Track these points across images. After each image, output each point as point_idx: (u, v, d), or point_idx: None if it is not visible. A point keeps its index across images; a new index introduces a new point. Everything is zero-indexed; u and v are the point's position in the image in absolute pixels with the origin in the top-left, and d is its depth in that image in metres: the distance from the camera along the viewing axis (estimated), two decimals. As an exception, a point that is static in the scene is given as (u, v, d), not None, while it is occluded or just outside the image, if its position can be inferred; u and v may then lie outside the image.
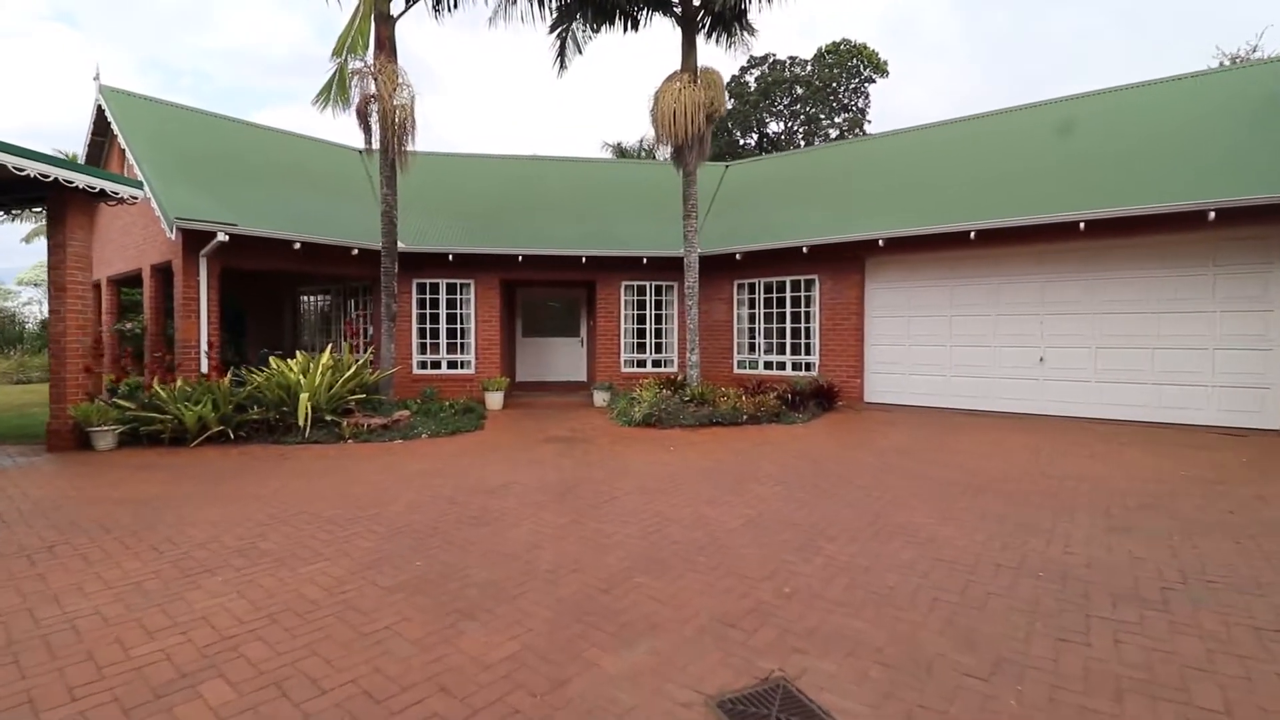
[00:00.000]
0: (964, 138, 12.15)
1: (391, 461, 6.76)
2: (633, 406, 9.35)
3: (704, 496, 5.27)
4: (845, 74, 30.84)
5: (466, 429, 8.69)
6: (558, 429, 8.82)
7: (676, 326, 12.56)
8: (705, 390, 9.83)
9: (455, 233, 11.95)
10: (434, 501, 5.15)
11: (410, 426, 8.39)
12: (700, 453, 7.07)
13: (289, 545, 4.10)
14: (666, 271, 12.31)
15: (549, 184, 14.74)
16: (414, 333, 11.68)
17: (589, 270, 12.04)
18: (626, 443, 7.75)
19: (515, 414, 10.38)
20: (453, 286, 11.83)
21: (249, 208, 9.86)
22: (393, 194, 9.31)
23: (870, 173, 12.76)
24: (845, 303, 10.75)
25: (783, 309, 11.54)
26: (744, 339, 12.17)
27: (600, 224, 13.10)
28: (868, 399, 10.63)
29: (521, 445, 7.66)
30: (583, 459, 6.82)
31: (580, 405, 11.46)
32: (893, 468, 6.25)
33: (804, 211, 12.21)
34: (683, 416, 8.84)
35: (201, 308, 8.97)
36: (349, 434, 7.84)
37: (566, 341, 14.54)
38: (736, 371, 12.12)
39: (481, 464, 6.60)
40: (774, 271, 11.57)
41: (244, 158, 11.65)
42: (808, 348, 11.26)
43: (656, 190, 14.89)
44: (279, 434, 7.80)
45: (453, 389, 11.60)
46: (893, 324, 10.54)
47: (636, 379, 12.04)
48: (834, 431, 8.34)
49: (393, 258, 9.53)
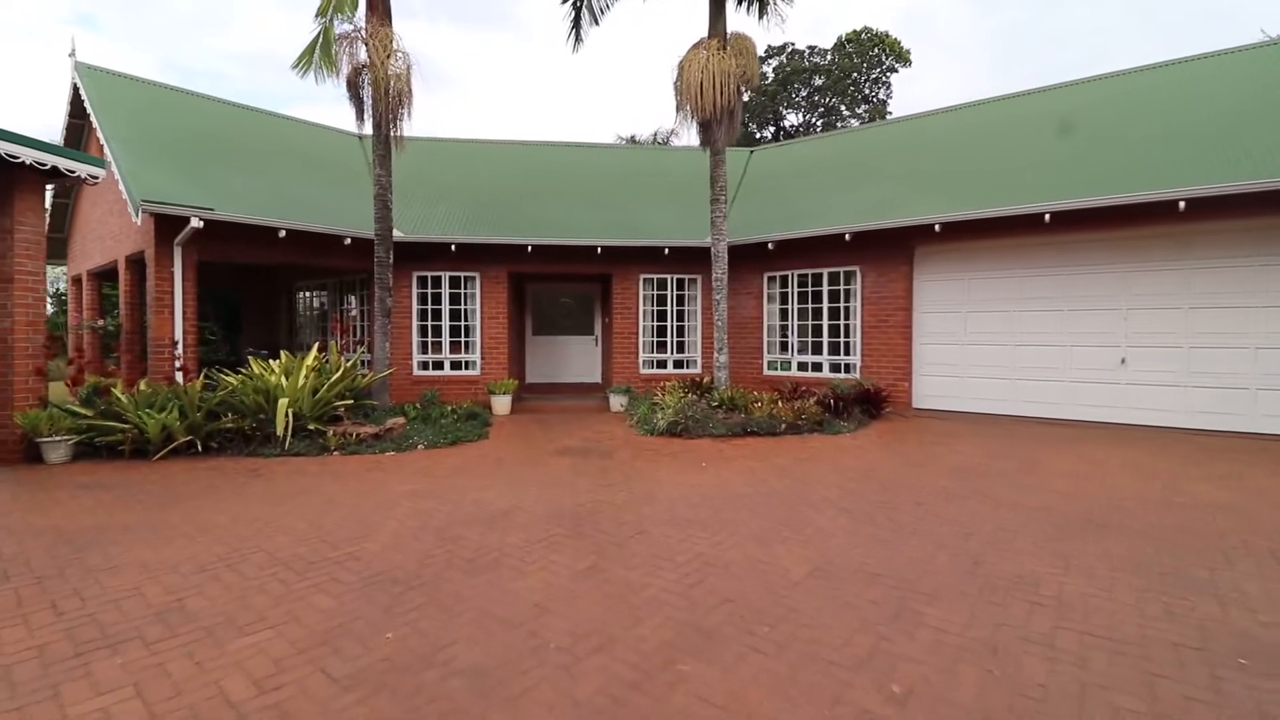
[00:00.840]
0: (1015, 116, 11.06)
1: (379, 479, 5.88)
2: (655, 413, 8.42)
3: (752, 531, 4.32)
4: (866, 63, 29.89)
5: (468, 438, 7.81)
6: (571, 438, 7.92)
7: (700, 324, 11.61)
8: (735, 394, 8.87)
9: (459, 221, 11.10)
10: (421, 535, 4.25)
11: (405, 436, 7.52)
12: (738, 470, 6.12)
13: (227, 604, 3.21)
14: (689, 263, 11.36)
15: (561, 171, 13.84)
16: (414, 330, 10.84)
17: (604, 262, 11.12)
18: (650, 456, 6.82)
19: (524, 420, 9.49)
20: (456, 280, 10.98)
21: (233, 193, 9.06)
22: (386, 174, 8.45)
23: (912, 155, 11.71)
24: (891, 297, 9.74)
25: (819, 304, 10.54)
26: (775, 337, 11.19)
27: (617, 212, 12.18)
28: (916, 404, 9.61)
29: (530, 458, 6.76)
30: (600, 477, 5.90)
31: (595, 410, 10.56)
32: (975, 492, 5.25)
33: (841, 197, 11.20)
34: (712, 425, 7.89)
35: (176, 302, 8.17)
36: (334, 445, 6.99)
37: (580, 340, 13.65)
38: (767, 373, 11.14)
39: (483, 483, 5.71)
40: (809, 263, 10.58)
41: (232, 141, 10.87)
42: (848, 347, 10.25)
43: (677, 177, 13.96)
44: (256, 445, 6.96)
45: (456, 392, 10.75)
46: (945, 320, 9.51)
47: (656, 381, 11.11)
48: (889, 443, 7.34)
49: (387, 246, 8.68)
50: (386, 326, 8.64)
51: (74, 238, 13.19)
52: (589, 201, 12.56)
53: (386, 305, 8.59)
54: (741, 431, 7.78)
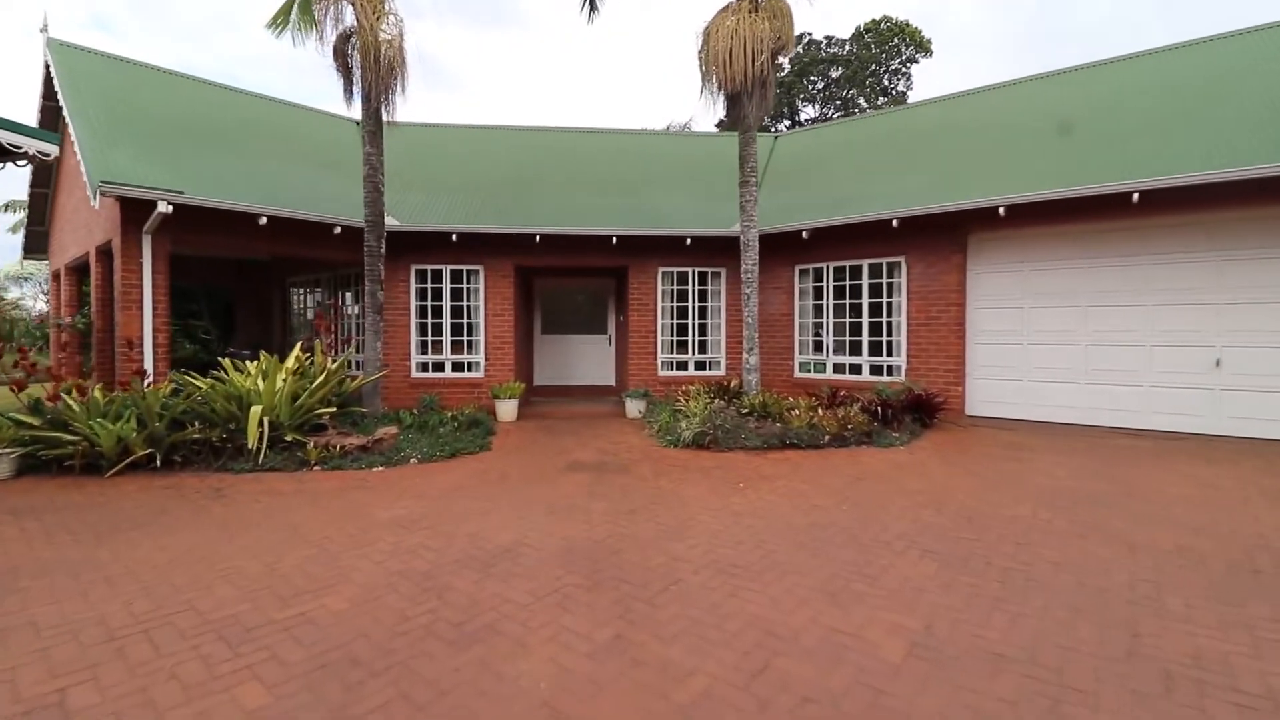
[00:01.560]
0: (1074, 93, 10.07)
1: (361, 502, 5.05)
2: (678, 421, 7.55)
3: (818, 581, 3.43)
4: (885, 54, 28.95)
5: (469, 450, 6.97)
6: (584, 450, 7.06)
7: (725, 321, 10.71)
8: (768, 400, 7.98)
9: (461, 210, 10.28)
10: (400, 584, 3.40)
11: (397, 448, 6.70)
12: (783, 493, 5.22)
13: (121, 698, 2.38)
14: (713, 255, 10.48)
15: (572, 158, 13.01)
16: (412, 329, 10.04)
17: (620, 254, 10.26)
18: (676, 473, 5.94)
19: (531, 428, 8.65)
20: (458, 274, 10.16)
21: (211, 177, 8.30)
22: (378, 153, 7.63)
23: (959, 136, 10.74)
24: (941, 290, 8.79)
25: (858, 299, 9.61)
26: (807, 336, 10.27)
27: (633, 201, 11.32)
28: (970, 411, 8.66)
29: (537, 476, 5.91)
30: (621, 500, 5.03)
31: (609, 416, 9.70)
32: (1083, 526, 4.32)
33: (879, 182, 10.26)
34: (744, 436, 7.00)
35: (145, 297, 7.41)
36: (315, 458, 6.18)
37: (592, 340, 12.79)
38: (798, 375, 10.23)
39: (482, 506, 4.86)
40: (846, 254, 9.65)
41: (213, 123, 10.12)
42: (891, 347, 9.31)
43: (698, 164, 13.10)
44: (226, 459, 6.17)
45: (458, 396, 9.94)
46: (1004, 316, 8.55)
47: (676, 384, 10.23)
48: (953, 459, 6.41)
49: (379, 234, 7.86)
50: (379, 324, 7.82)
51: (53, 230, 12.54)
52: (603, 189, 11.71)
53: (378, 300, 7.77)
54: (779, 444, 6.88)
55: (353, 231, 8.77)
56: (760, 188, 11.83)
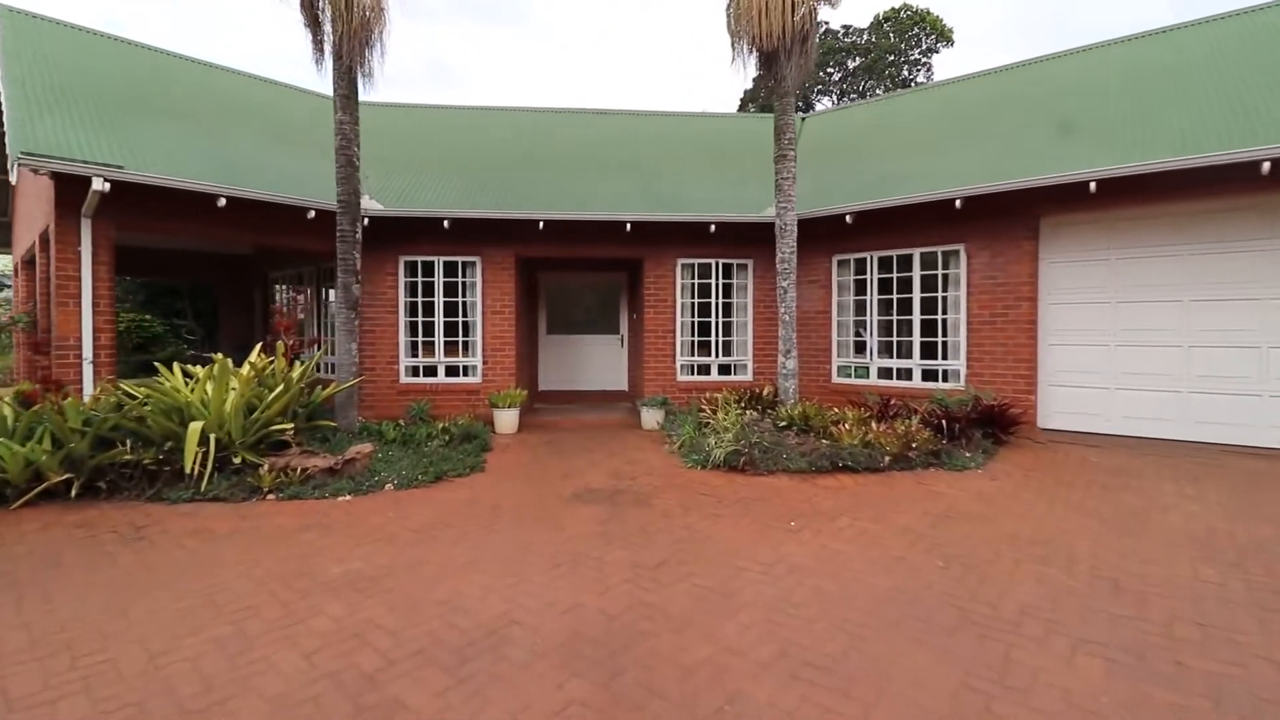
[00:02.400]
0: (1155, 58, 8.90)
1: (311, 548, 4.04)
2: (705, 437, 6.48)
3: (943, 700, 2.36)
4: (905, 43, 27.90)
5: (457, 471, 5.95)
6: (595, 472, 6.02)
7: (752, 319, 9.63)
8: (810, 411, 6.90)
9: (455, 193, 9.28)
10: (325, 700, 2.37)
11: (371, 470, 5.69)
12: (850, 537, 4.15)
13: None
14: (739, 244, 9.40)
15: (581, 140, 11.98)
16: (401, 328, 9.04)
17: (634, 244, 9.21)
18: (709, 505, 4.88)
19: (534, 442, 7.62)
20: (452, 266, 9.15)
21: (164, 153, 7.34)
22: (351, 120, 6.62)
23: (1023, 106, 9.58)
24: (1009, 283, 7.66)
25: (907, 294, 8.49)
26: (847, 336, 9.16)
27: (649, 183, 10.28)
28: (1044, 424, 7.52)
29: (537, 509, 4.87)
30: (643, 548, 3.98)
31: (623, 427, 8.65)
32: (1273, 592, 3.22)
33: (929, 160, 9.14)
34: (786, 455, 5.92)
35: (84, 291, 6.45)
36: (269, 485, 5.18)
37: (603, 340, 11.76)
38: (836, 381, 9.13)
39: (463, 557, 3.83)
40: (894, 241, 8.54)
41: (172, 95, 9.13)
42: (947, 348, 8.19)
43: (722, 146, 12.03)
44: (162, 485, 5.17)
45: (452, 404, 8.93)
46: (1085, 313, 7.41)
47: (698, 391, 9.17)
48: (1049, 489, 5.29)
49: (354, 218, 6.85)
50: (354, 322, 6.80)
51: (14, 220, 11.66)
52: (615, 171, 10.67)
53: (352, 295, 6.74)
54: (829, 466, 5.78)
55: (329, 217, 7.77)
56: (790, 170, 10.78)
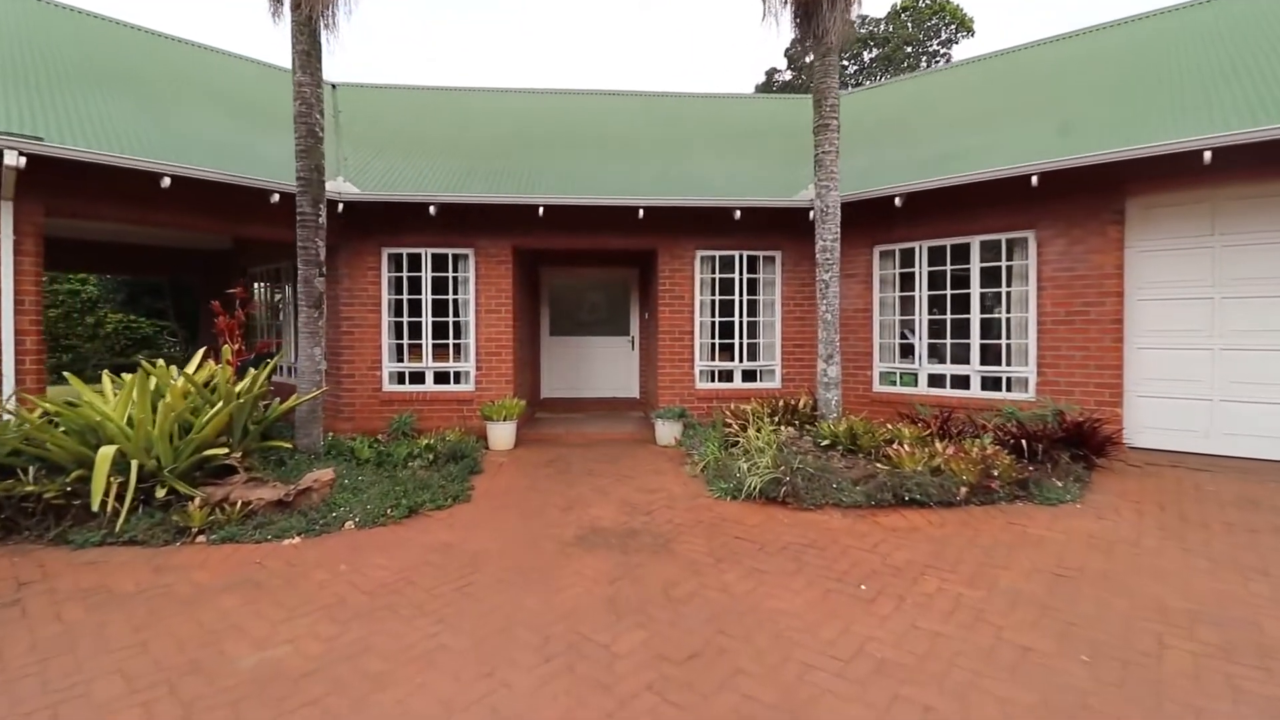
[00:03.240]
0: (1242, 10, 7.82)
1: (226, 620, 3.09)
2: (735, 460, 5.48)
3: None
4: (924, 34, 26.97)
5: (436, 502, 5.00)
6: (603, 503, 5.04)
7: (780, 319, 8.62)
8: (857, 428, 5.90)
9: (444, 177, 8.34)
10: None
11: (329, 503, 4.74)
12: (944, 609, 3.15)
13: None
14: (765, 234, 8.41)
15: (587, 122, 11.03)
16: (384, 329, 8.11)
17: (647, 233, 8.24)
18: (748, 555, 3.89)
19: (532, 461, 6.66)
20: (443, 260, 8.22)
21: (107, 130, 6.44)
22: (312, 83, 5.68)
23: (1098, 67, 8.50)
24: (1089, 275, 6.61)
25: (964, 289, 7.46)
26: (890, 338, 8.14)
27: (664, 165, 9.30)
28: (1131, 441, 6.46)
29: (529, 559, 3.90)
30: (668, 628, 3.00)
31: (635, 442, 7.68)
32: None
33: (985, 134, 8.10)
34: (837, 485, 4.92)
35: (3, 287, 5.56)
36: (199, 523, 4.24)
37: (611, 343, 10.80)
38: (879, 389, 8.10)
39: (423, 644, 2.87)
40: (948, 229, 7.51)
41: (121, 69, 8.19)
42: (1011, 352, 7.16)
43: (745, 127, 11.07)
44: (71, 522, 4.26)
45: (442, 415, 8.00)
46: (1182, 311, 6.35)
47: (720, 401, 8.19)
48: (1178, 532, 4.25)
49: (315, 199, 5.89)
50: (318, 322, 5.85)
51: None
52: (625, 153, 9.70)
53: (315, 290, 5.79)
54: (892, 499, 4.77)
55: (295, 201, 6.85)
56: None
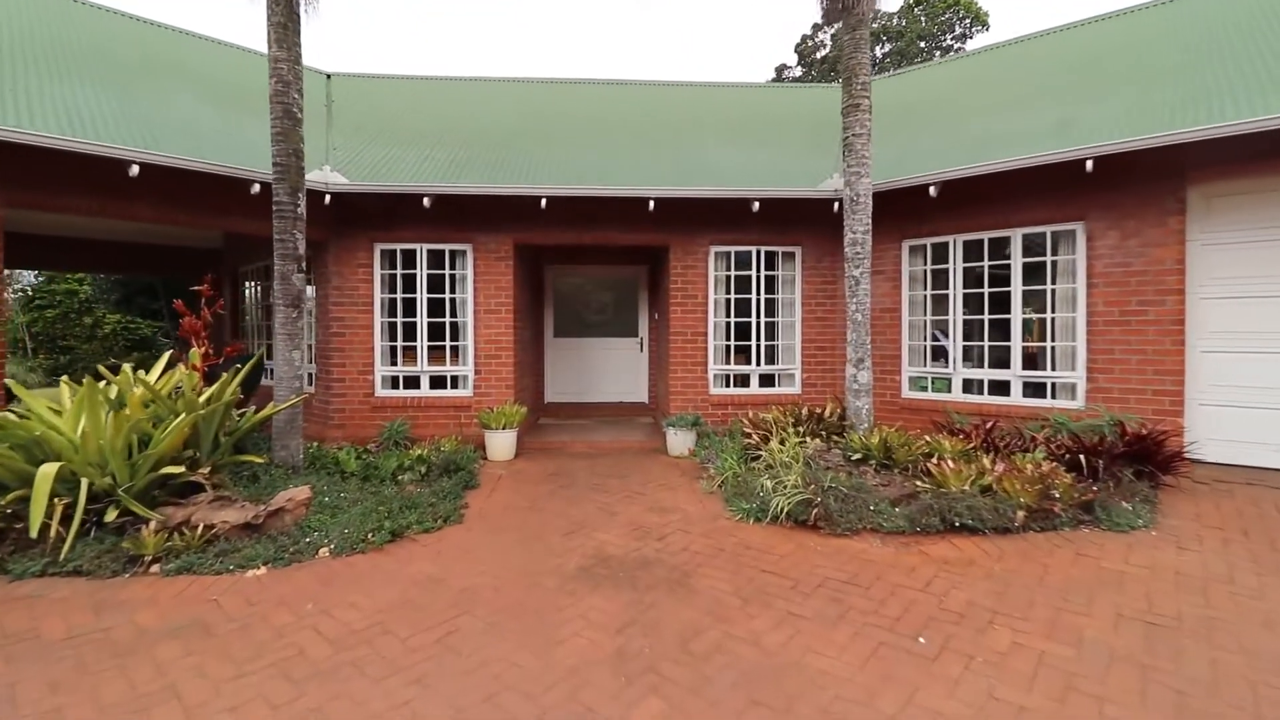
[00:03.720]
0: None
1: (158, 681, 2.62)
2: (758, 476, 4.97)
3: None
4: (938, 28, 26.48)
5: (425, 524, 4.52)
6: (611, 527, 4.54)
7: (800, 320, 8.10)
8: (891, 440, 5.37)
9: (441, 167, 7.88)
10: None
11: (303, 525, 4.27)
12: (1025, 671, 2.63)
13: None
14: (784, 228, 7.91)
15: (594, 112, 10.55)
16: (376, 331, 7.66)
17: (658, 227, 7.75)
18: (780, 595, 3.38)
19: (533, 475, 6.17)
20: (438, 256, 7.76)
21: (69, 114, 6.00)
22: (289, 60, 5.21)
23: (1126, 60, 7.94)
24: (1147, 271, 6.05)
25: (1003, 286, 6.91)
26: (920, 340, 7.60)
27: (676, 154, 8.80)
28: (1194, 453, 5.87)
29: (523, 600, 3.41)
30: (690, 697, 2.50)
31: (644, 452, 7.18)
32: None
33: (1028, 118, 7.53)
34: (875, 506, 4.40)
35: (-45, 284, 5.14)
36: (153, 550, 3.78)
37: (619, 345, 10.31)
38: (908, 395, 7.56)
39: (394, 713, 2.38)
40: (985, 222, 6.96)
41: (95, 51, 7.76)
42: (1056, 355, 6.60)
43: (761, 117, 10.56)
44: (14, 548, 3.80)
45: (438, 422, 7.54)
46: (1252, 310, 5.78)
47: (736, 407, 7.70)
48: (1268, 562, 3.71)
49: (294, 187, 5.41)
50: (296, 323, 5.36)
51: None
52: (634, 143, 9.20)
53: (293, 288, 5.31)
54: (939, 523, 4.23)
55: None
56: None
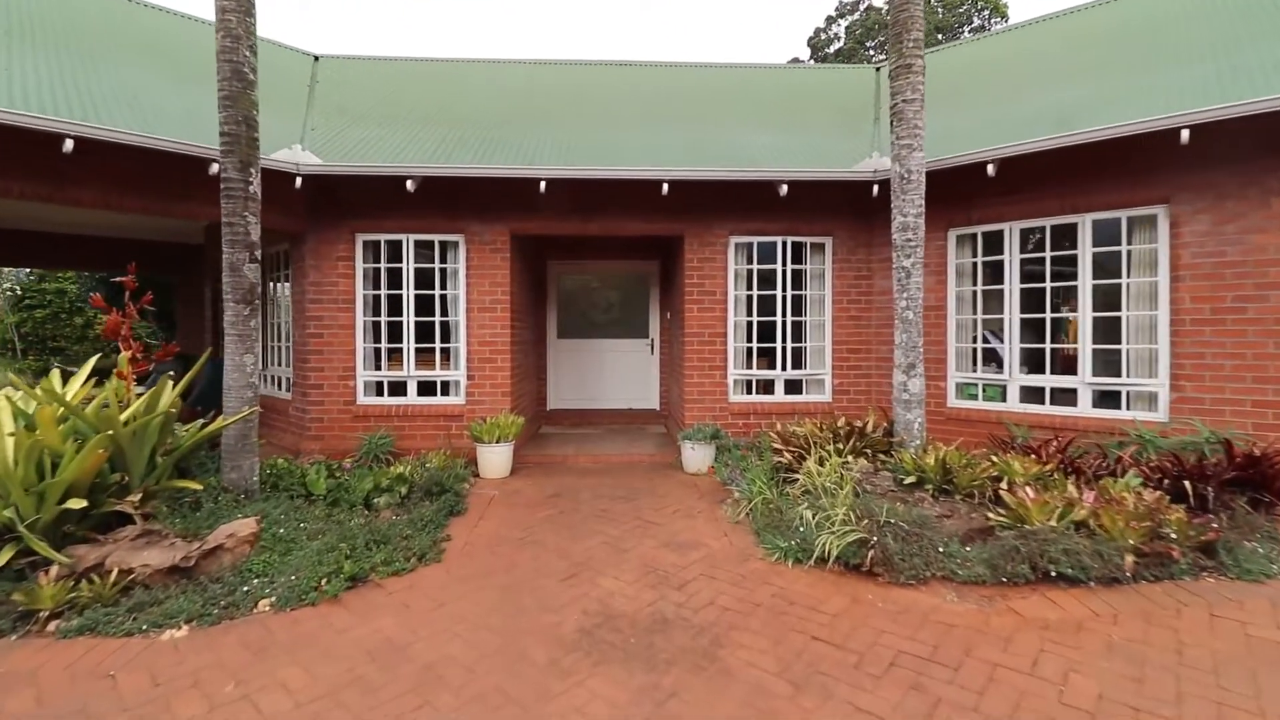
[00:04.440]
0: None
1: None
2: (794, 506, 4.21)
3: None
4: (956, 20, 25.70)
5: (394, 565, 3.79)
6: (619, 569, 3.80)
7: (831, 319, 7.32)
8: (952, 460, 4.59)
9: (430, 147, 7.16)
10: None
11: (245, 568, 3.55)
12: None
13: None
14: (813, 216, 7.15)
15: (601, 92, 9.79)
16: (359, 331, 6.96)
17: (672, 215, 7.02)
18: (846, 682, 2.62)
19: (530, 497, 5.44)
20: (427, 248, 7.06)
21: (18, 87, 5.34)
22: (238, 9, 4.45)
23: (1205, 23, 7.08)
24: (1246, 261, 5.23)
25: (1068, 281, 6.10)
26: (967, 342, 6.80)
27: (693, 135, 8.04)
28: (1303, 475, 5.06)
29: (509, 682, 2.67)
30: None
31: (657, 468, 6.43)
32: None
33: (1091, 91, 6.70)
34: (944, 548, 3.62)
35: None
36: (50, 604, 3.08)
37: (628, 346, 9.57)
38: (955, 404, 6.77)
39: None
40: (1047, 207, 6.15)
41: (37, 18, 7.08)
42: (1134, 361, 5.78)
43: (787, 97, 9.75)
44: (-123, 600, 3.12)
45: (427, 434, 6.85)
46: (1376, 307, 4.96)
47: (759, 417, 6.97)
48: None
49: (245, 161, 4.64)
50: (247, 321, 4.60)
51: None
52: (644, 122, 8.44)
53: (244, 281, 4.56)
54: (1029, 570, 3.42)
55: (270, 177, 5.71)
56: (878, 122, 8.48)
